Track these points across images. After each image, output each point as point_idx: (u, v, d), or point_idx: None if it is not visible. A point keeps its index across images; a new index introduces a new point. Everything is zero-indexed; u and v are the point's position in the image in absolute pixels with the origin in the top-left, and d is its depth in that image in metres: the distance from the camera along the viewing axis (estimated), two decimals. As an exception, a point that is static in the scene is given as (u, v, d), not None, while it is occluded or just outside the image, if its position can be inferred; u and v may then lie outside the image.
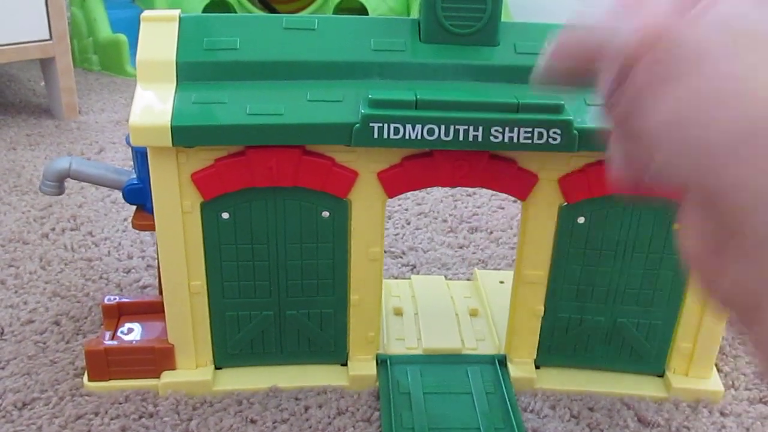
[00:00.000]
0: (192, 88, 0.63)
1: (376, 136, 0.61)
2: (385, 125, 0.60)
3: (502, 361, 0.75)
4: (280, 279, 0.70)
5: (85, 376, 0.72)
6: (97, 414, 0.69)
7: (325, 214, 0.67)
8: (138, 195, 0.73)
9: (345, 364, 0.75)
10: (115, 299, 0.78)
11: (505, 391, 0.72)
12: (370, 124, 0.60)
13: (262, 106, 0.62)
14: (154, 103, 0.61)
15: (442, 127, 0.61)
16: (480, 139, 0.61)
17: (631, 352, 0.75)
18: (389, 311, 0.83)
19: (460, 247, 1.03)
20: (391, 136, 0.61)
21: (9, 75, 1.80)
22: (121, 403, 0.70)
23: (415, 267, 0.98)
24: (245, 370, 0.74)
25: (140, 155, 0.70)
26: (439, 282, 0.90)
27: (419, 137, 0.61)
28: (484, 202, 1.17)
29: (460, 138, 0.61)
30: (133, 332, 0.76)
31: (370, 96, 0.61)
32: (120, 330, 0.76)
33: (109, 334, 0.75)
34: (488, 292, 0.87)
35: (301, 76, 0.64)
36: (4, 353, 0.77)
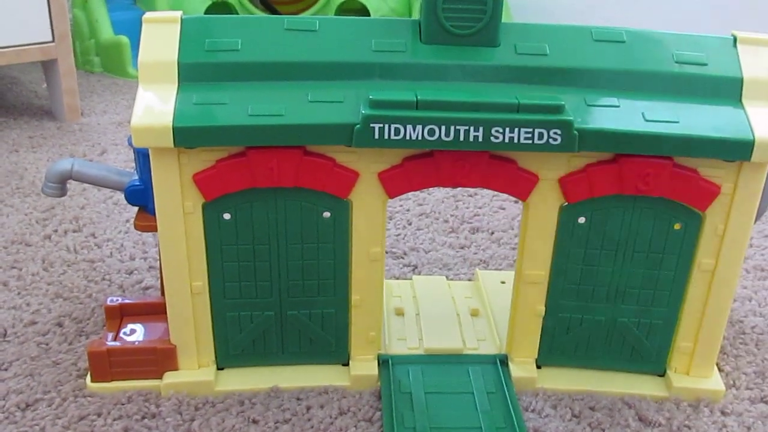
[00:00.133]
0: (193, 89, 0.63)
1: (376, 137, 0.61)
2: (386, 126, 0.61)
3: (504, 361, 0.75)
4: (281, 279, 0.70)
5: (88, 377, 0.73)
6: (99, 415, 0.69)
7: (326, 214, 0.68)
8: (140, 196, 0.73)
9: (346, 364, 0.75)
10: (117, 300, 0.78)
11: (506, 390, 0.72)
12: (371, 125, 0.61)
13: (264, 106, 0.62)
14: (155, 105, 0.61)
15: (443, 127, 0.61)
16: (480, 139, 0.61)
17: (631, 352, 0.75)
18: (390, 311, 0.83)
19: (462, 248, 1.04)
20: (392, 137, 0.61)
21: (11, 77, 1.80)
22: (123, 404, 0.71)
23: (416, 267, 0.98)
24: (247, 371, 0.74)
25: (142, 156, 0.70)
26: (440, 282, 0.90)
27: (420, 138, 0.61)
28: (485, 203, 1.17)
29: (461, 138, 0.61)
30: (135, 333, 0.76)
31: (370, 97, 0.61)
32: (122, 331, 0.76)
33: (111, 335, 0.75)
34: (489, 292, 0.87)
35: (302, 77, 0.64)
36: (7, 355, 0.77)
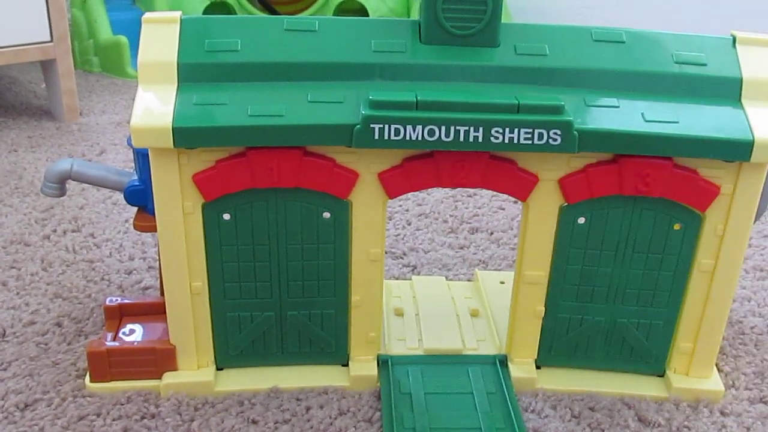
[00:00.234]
0: (193, 89, 0.63)
1: (376, 137, 0.61)
2: (386, 126, 0.61)
3: (503, 362, 0.75)
4: (281, 280, 0.70)
5: (87, 377, 0.73)
6: (99, 415, 0.69)
7: (326, 214, 0.68)
8: (139, 196, 0.73)
9: (346, 365, 0.75)
10: (116, 300, 0.78)
11: (506, 391, 0.72)
12: (371, 125, 0.61)
13: (263, 107, 0.62)
14: (155, 105, 0.61)
15: (443, 127, 0.61)
16: (480, 139, 0.61)
17: (631, 352, 0.75)
18: (390, 312, 0.83)
19: (461, 248, 1.04)
20: (392, 137, 0.61)
21: (10, 77, 1.80)
22: (122, 404, 0.70)
23: (415, 268, 0.98)
24: (247, 371, 0.74)
25: (141, 156, 0.70)
26: (439, 282, 0.90)
27: (420, 138, 0.61)
28: (484, 203, 1.17)
29: (461, 139, 0.61)
30: (134, 333, 0.76)
31: (370, 97, 0.61)
32: (122, 331, 0.76)
33: (110, 336, 0.75)
34: (489, 292, 0.87)
35: (301, 78, 0.64)
36: (6, 355, 0.77)
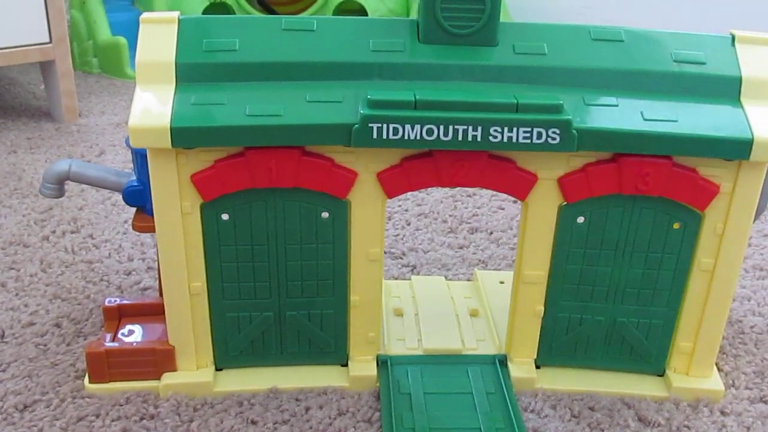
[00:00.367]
0: (191, 89, 0.63)
1: (375, 137, 0.61)
2: (385, 126, 0.60)
3: (503, 361, 0.75)
4: (280, 280, 0.70)
5: (86, 378, 0.73)
6: (98, 416, 0.69)
7: (324, 214, 0.67)
8: (138, 197, 0.73)
9: (345, 365, 0.75)
10: (115, 301, 0.78)
11: (505, 391, 0.72)
12: (370, 125, 0.60)
13: (262, 107, 0.62)
14: (153, 105, 0.61)
15: (441, 127, 0.61)
16: (479, 139, 0.61)
17: (631, 352, 0.75)
18: (389, 312, 0.83)
19: (461, 248, 1.04)
20: (391, 137, 0.61)
21: (9, 78, 1.80)
22: (122, 405, 0.70)
23: (415, 267, 0.98)
24: (246, 371, 0.74)
25: (140, 157, 0.70)
26: (439, 282, 0.90)
27: (418, 137, 0.61)
28: (484, 203, 1.17)
29: (459, 138, 0.61)
30: (133, 334, 0.76)
31: (369, 96, 0.61)
32: (121, 332, 0.76)
33: (109, 336, 0.75)
34: (488, 292, 0.87)
35: (300, 77, 0.64)
36: (5, 356, 0.77)
